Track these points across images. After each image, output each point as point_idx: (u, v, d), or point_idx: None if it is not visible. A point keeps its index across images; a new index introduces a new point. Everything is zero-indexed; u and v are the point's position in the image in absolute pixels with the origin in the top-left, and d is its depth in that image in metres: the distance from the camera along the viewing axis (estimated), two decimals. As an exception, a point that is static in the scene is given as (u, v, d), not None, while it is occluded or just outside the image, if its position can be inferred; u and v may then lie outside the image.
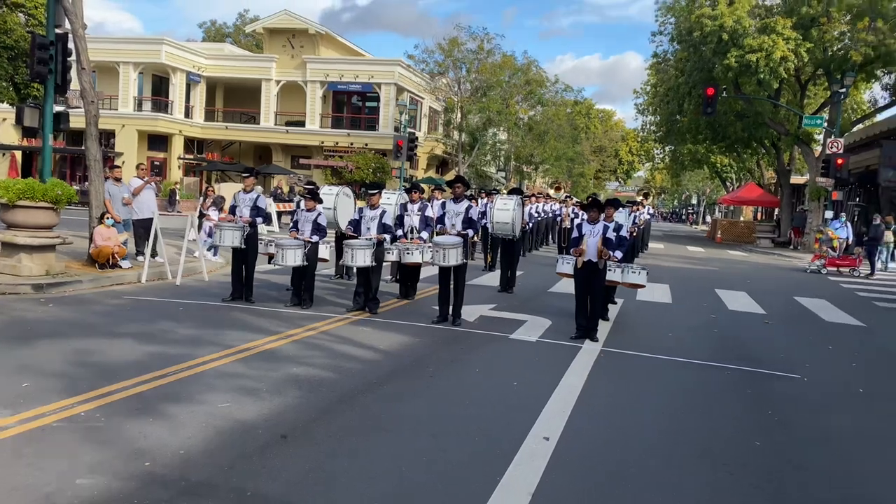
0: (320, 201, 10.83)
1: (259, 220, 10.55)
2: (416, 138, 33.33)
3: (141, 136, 38.88)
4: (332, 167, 38.06)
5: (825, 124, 29.43)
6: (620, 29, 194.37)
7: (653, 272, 10.72)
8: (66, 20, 12.62)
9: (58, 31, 12.66)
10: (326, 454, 4.60)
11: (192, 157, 41.67)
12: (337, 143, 39.55)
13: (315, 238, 10.20)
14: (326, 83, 40.00)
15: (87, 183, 30.60)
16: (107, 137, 35.83)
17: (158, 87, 40.55)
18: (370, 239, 9.67)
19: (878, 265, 21.08)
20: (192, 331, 8.04)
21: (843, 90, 28.00)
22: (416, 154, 33.68)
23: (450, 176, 44.41)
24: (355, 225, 10.05)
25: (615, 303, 11.46)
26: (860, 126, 36.51)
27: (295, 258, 9.89)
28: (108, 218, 12.54)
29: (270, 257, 10.79)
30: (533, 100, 43.96)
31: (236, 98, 43.58)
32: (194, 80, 40.99)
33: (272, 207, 23.24)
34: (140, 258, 13.19)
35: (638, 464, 4.83)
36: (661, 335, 9.57)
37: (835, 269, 20.60)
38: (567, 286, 11.69)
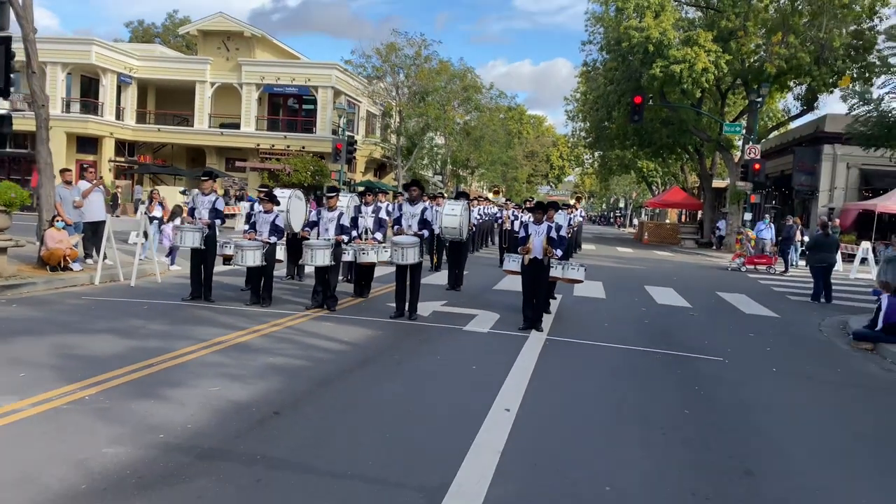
0: (278, 203, 11.28)
1: (217, 221, 10.93)
2: (356, 141, 33.68)
3: (70, 139, 37.91)
4: (269, 170, 37.96)
5: (744, 131, 31.29)
6: (551, 35, 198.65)
7: (587, 270, 11.59)
8: (17, 23, 12.66)
9: (1, 33, 12.66)
10: (318, 425, 5.18)
11: (123, 159, 40.88)
12: (273, 146, 39.49)
13: (273, 239, 10.67)
14: (262, 85, 39.92)
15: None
16: (32, 139, 34.77)
17: (88, 88, 39.59)
18: (329, 239, 10.20)
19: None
20: (164, 327, 8.43)
21: (760, 99, 29.92)
22: (354, 157, 34.03)
23: (388, 179, 44.99)
24: (313, 226, 10.57)
25: (555, 298, 12.30)
26: (775, 133, 38.91)
27: (254, 259, 10.31)
28: (58, 220, 12.63)
29: (226, 259, 11.13)
30: (469, 105, 44.89)
31: (169, 100, 42.92)
32: (125, 82, 40.24)
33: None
34: (89, 261, 13.30)
35: (585, 427, 5.61)
36: (599, 325, 10.45)
37: (753, 266, 22.17)
38: (510, 284, 12.50)
